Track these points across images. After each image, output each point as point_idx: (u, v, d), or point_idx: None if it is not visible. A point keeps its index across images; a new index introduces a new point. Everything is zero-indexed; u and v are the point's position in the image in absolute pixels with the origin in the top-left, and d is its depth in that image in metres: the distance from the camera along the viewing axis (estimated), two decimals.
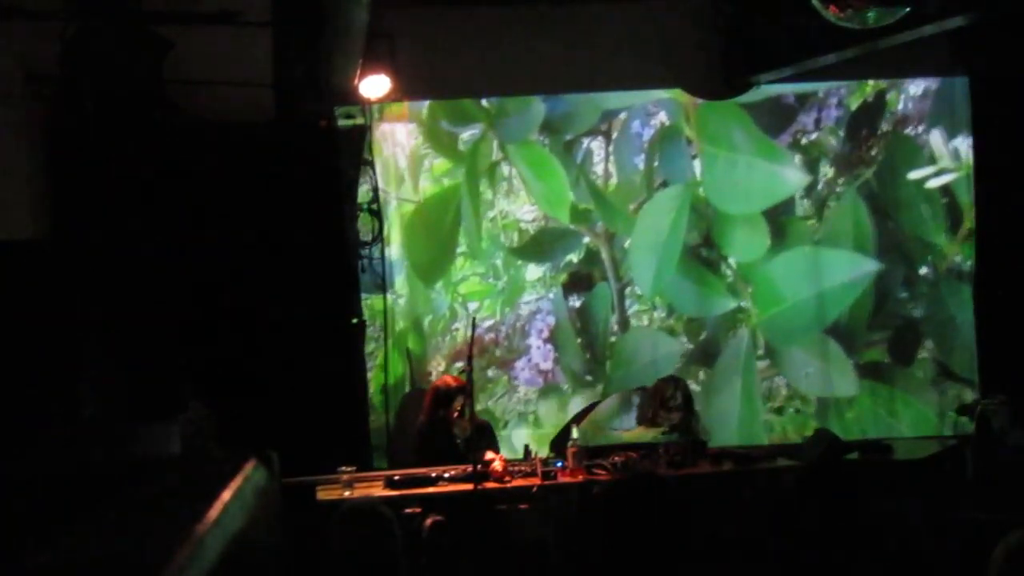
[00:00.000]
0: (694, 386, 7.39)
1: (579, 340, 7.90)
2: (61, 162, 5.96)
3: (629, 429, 6.40)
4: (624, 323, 7.94)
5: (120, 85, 4.42)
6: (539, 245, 7.83)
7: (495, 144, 7.72)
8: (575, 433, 5.97)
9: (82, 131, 5.75)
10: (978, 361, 7.65)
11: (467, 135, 7.70)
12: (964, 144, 7.87)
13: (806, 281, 7.96)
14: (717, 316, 7.96)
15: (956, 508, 5.34)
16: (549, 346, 7.87)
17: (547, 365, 7.88)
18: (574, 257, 7.90)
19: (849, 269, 8.00)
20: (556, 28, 7.18)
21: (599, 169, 7.90)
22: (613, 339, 7.93)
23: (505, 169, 7.74)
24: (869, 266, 8.01)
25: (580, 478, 5.75)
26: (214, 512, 1.27)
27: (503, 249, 7.78)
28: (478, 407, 6.93)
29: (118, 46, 4.24)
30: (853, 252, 8.00)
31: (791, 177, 7.99)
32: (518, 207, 7.79)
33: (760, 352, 7.99)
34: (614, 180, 7.90)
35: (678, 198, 7.91)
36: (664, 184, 7.92)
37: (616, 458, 5.86)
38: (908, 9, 4.55)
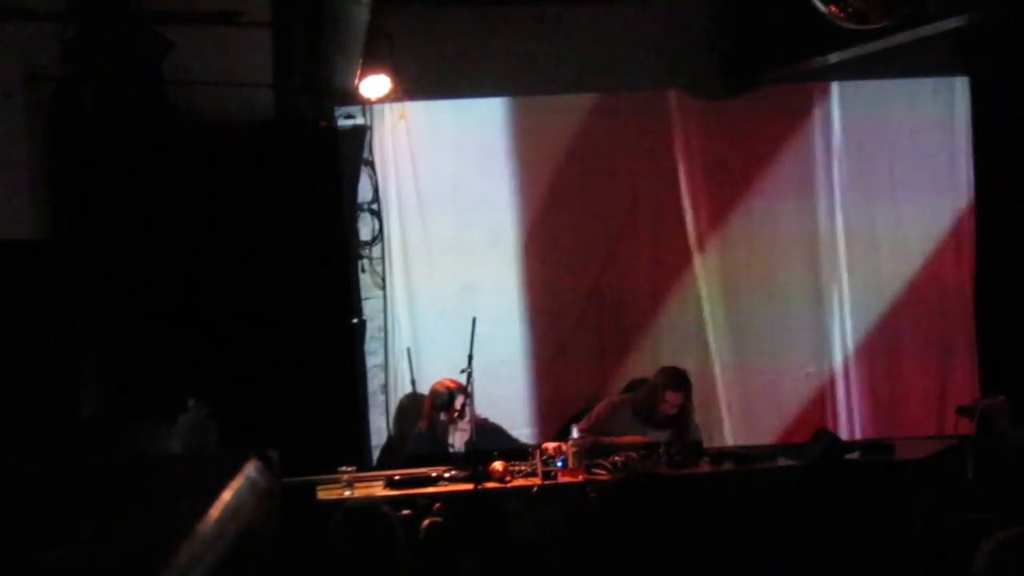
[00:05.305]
0: None
1: None
2: (61, 162, 5.95)
3: (621, 436, 6.20)
4: None
5: (120, 85, 4.42)
6: None
7: None
8: (575, 433, 5.96)
9: (82, 131, 5.75)
10: (978, 361, 7.63)
11: None
12: None
13: None
14: None
15: (956, 508, 5.33)
16: None
17: None
18: None
19: None
20: (556, 28, 7.17)
21: None
22: None
23: None
24: None
25: (580, 478, 5.74)
26: (214, 512, 1.27)
27: None
28: None
29: (118, 46, 4.24)
30: None
31: None
32: None
33: None
34: None
35: None
36: None
37: (616, 458, 5.86)
38: (908, 9, 4.55)
